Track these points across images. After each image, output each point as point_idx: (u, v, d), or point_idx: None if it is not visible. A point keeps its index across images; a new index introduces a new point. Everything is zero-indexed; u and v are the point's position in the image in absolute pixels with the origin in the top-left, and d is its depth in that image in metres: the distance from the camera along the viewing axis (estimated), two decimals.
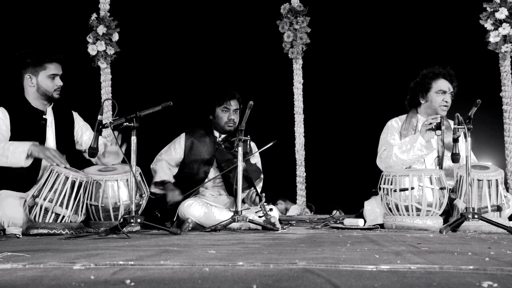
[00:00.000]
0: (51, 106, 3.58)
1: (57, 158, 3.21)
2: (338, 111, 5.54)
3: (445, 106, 3.81)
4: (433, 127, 3.53)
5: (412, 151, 3.62)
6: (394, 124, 3.95)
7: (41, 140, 3.47)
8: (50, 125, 3.54)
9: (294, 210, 4.99)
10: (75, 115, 3.75)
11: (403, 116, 3.98)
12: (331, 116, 5.56)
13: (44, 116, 3.51)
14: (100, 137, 3.56)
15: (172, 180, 3.93)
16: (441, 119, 3.52)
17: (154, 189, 3.91)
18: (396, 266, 1.36)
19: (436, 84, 3.83)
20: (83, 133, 3.72)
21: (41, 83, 3.46)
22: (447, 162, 3.79)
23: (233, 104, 3.96)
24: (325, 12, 5.49)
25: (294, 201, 5.51)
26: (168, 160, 4.01)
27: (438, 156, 3.87)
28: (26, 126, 3.43)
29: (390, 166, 3.71)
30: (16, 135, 3.38)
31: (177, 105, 3.17)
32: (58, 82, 3.48)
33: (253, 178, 3.74)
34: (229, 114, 3.93)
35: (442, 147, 3.86)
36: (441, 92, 3.82)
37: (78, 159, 3.64)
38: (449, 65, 4.05)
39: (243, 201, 3.52)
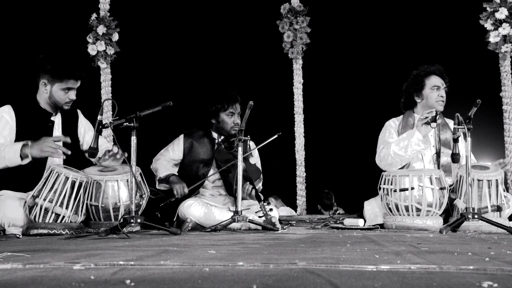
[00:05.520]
0: None
1: (57, 150, 3.14)
2: (338, 111, 5.53)
3: (442, 100, 3.86)
4: (429, 120, 3.56)
5: (410, 146, 3.64)
6: (392, 124, 3.98)
7: None
8: (57, 127, 3.52)
9: (281, 212, 4.93)
10: (79, 114, 3.72)
11: (401, 117, 4.00)
12: (331, 116, 5.55)
13: (52, 118, 3.50)
14: (101, 138, 3.56)
15: (176, 173, 3.91)
16: (436, 113, 3.56)
17: (160, 186, 3.89)
18: (396, 266, 1.36)
19: (429, 81, 3.89)
20: (85, 133, 3.69)
21: (54, 93, 3.40)
22: (444, 158, 3.81)
23: (238, 108, 3.95)
24: (325, 12, 5.49)
25: (293, 201, 5.49)
26: (167, 160, 4.01)
27: (436, 153, 3.88)
28: (32, 126, 3.39)
29: (389, 164, 3.71)
30: (22, 134, 3.35)
31: (177, 105, 3.16)
32: (72, 96, 3.42)
33: (252, 178, 3.75)
34: (234, 119, 3.92)
35: (439, 143, 3.88)
36: (435, 87, 3.87)
37: (79, 159, 3.64)
38: (450, 65, 4.07)
39: (242, 198, 3.51)
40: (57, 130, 3.52)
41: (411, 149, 3.64)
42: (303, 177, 5.47)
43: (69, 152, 3.18)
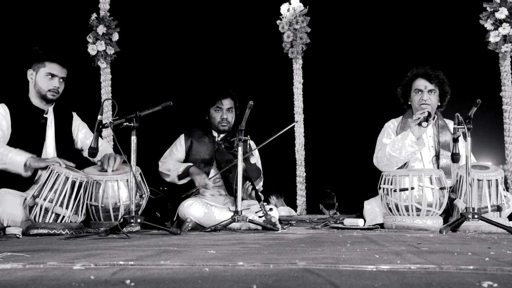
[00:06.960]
0: (52, 106, 3.59)
1: (58, 161, 3.22)
2: (338, 111, 5.54)
3: (424, 104, 3.81)
4: (421, 121, 3.56)
5: (404, 148, 3.64)
6: (391, 125, 3.99)
7: (41, 139, 3.49)
8: (50, 124, 3.56)
9: (281, 211, 4.92)
10: (74, 115, 3.76)
11: (400, 118, 4.00)
12: (331, 116, 5.56)
13: (44, 115, 3.53)
14: (100, 139, 3.57)
15: (192, 164, 3.87)
16: (428, 113, 3.55)
17: (181, 182, 3.83)
18: (396, 266, 1.36)
19: (414, 84, 3.90)
20: (78, 132, 3.72)
21: (38, 80, 3.47)
22: (444, 160, 3.81)
23: (226, 103, 3.93)
24: (325, 12, 5.49)
25: (293, 201, 5.50)
26: (175, 160, 3.99)
27: (435, 155, 3.88)
28: (26, 124, 3.45)
29: (385, 165, 3.72)
30: (16, 132, 3.41)
31: (177, 105, 3.17)
32: (55, 83, 3.47)
33: (252, 177, 3.74)
34: (222, 114, 3.91)
35: (438, 145, 3.88)
36: (417, 91, 3.86)
37: (78, 159, 3.65)
38: (450, 65, 4.06)
39: (242, 198, 3.51)
40: (50, 128, 3.55)
41: (405, 150, 3.64)
42: (303, 177, 5.47)
43: (69, 164, 3.26)
